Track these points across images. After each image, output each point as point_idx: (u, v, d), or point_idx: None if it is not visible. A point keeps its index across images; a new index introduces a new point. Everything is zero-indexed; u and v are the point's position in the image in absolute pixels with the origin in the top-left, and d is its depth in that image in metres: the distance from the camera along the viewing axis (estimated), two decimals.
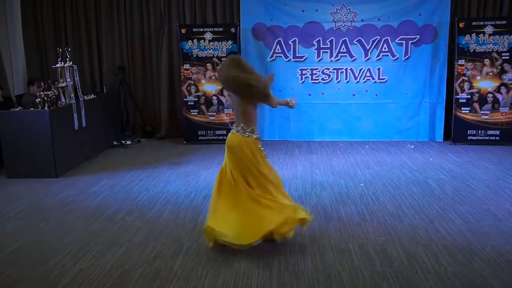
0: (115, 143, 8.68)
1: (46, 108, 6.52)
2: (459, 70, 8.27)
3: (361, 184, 6.06)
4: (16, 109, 6.81)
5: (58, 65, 7.05)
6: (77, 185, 6.22)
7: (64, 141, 6.79)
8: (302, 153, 7.95)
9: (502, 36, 8.08)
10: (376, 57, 8.72)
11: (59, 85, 6.97)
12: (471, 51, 8.20)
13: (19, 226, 4.82)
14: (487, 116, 8.26)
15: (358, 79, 8.81)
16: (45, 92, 6.59)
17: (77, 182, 6.35)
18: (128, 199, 5.58)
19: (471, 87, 8.28)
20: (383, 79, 8.76)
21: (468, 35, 8.18)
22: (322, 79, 8.87)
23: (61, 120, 6.77)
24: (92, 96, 8.17)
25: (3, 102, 7.52)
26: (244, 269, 3.77)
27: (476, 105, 8.28)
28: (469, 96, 8.30)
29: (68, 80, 7.07)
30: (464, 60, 8.23)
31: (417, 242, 4.24)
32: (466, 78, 8.27)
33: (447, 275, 3.62)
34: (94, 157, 7.71)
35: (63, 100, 6.99)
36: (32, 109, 6.73)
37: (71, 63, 7.22)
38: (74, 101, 7.13)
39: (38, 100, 6.56)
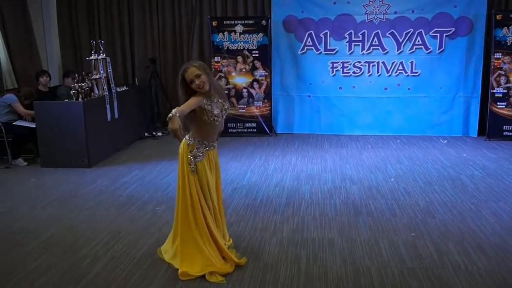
0: (146, 134, 8.79)
1: (80, 99, 6.66)
2: (495, 63, 8.04)
3: (392, 179, 5.98)
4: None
5: (91, 57, 7.17)
6: (109, 175, 6.34)
7: (97, 132, 6.93)
8: (332, 146, 7.89)
9: None
10: (409, 50, 8.55)
11: (92, 77, 7.10)
12: (508, 44, 7.95)
13: (53, 214, 4.95)
14: None
15: (390, 73, 8.66)
16: (79, 84, 6.73)
17: (109, 172, 6.47)
18: (158, 190, 5.66)
19: (507, 81, 8.04)
20: (416, 72, 8.60)
21: (506, 27, 7.93)
22: (354, 72, 8.76)
23: (95, 111, 6.90)
24: (124, 88, 8.30)
25: (48, 92, 7.67)
26: (272, 262, 3.78)
27: None
28: (506, 91, 8.06)
29: (102, 72, 7.19)
30: (501, 54, 7.99)
31: (448, 238, 4.16)
32: (502, 72, 8.03)
33: (479, 273, 3.55)
34: (125, 148, 7.84)
35: (96, 92, 7.11)
36: (67, 100, 6.90)
37: (104, 55, 7.34)
38: (107, 93, 7.25)
39: (72, 91, 6.71)
